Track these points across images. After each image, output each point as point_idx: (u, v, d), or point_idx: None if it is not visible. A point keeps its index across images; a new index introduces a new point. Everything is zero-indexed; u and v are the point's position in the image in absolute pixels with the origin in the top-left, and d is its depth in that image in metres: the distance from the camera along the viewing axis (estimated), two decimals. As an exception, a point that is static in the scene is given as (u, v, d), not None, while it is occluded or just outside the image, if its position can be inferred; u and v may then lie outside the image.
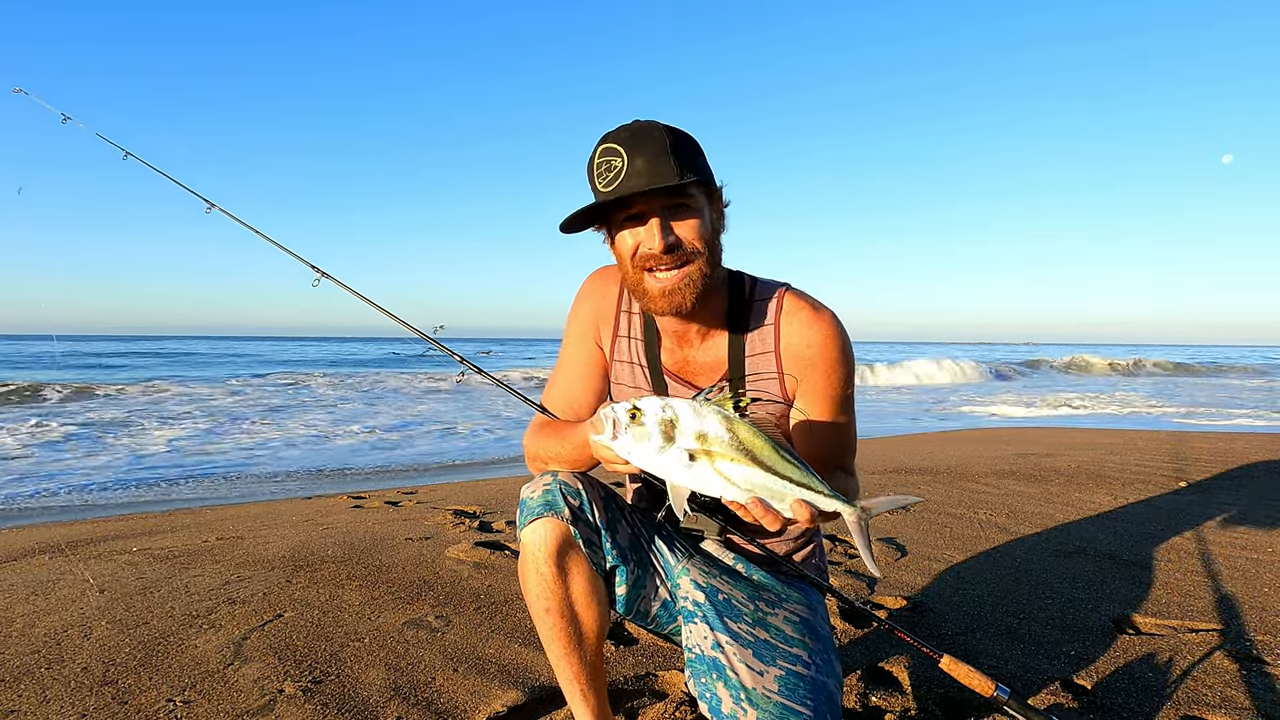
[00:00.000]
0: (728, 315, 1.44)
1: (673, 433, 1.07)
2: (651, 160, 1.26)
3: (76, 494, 5.24)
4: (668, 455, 1.07)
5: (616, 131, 1.31)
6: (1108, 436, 8.04)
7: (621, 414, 1.09)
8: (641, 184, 1.25)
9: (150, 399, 12.83)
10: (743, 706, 1.20)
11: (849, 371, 1.42)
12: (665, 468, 1.09)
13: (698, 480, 1.09)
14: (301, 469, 6.42)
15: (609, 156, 1.29)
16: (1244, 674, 2.02)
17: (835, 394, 1.41)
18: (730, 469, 1.08)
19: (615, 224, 1.35)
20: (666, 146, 1.27)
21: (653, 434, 1.07)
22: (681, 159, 1.28)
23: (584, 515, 1.35)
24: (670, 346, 1.48)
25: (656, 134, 1.28)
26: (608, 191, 1.28)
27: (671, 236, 1.30)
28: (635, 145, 1.27)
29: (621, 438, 1.09)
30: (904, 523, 3.80)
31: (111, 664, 2.09)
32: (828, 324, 1.41)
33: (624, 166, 1.27)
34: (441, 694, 1.93)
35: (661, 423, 1.07)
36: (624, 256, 1.35)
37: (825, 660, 1.33)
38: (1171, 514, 3.96)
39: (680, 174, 1.26)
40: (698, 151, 1.34)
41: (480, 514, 4.05)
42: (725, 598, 1.38)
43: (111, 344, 50.80)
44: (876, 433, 9.22)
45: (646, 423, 1.07)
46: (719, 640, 1.30)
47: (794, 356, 1.40)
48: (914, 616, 2.48)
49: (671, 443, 1.07)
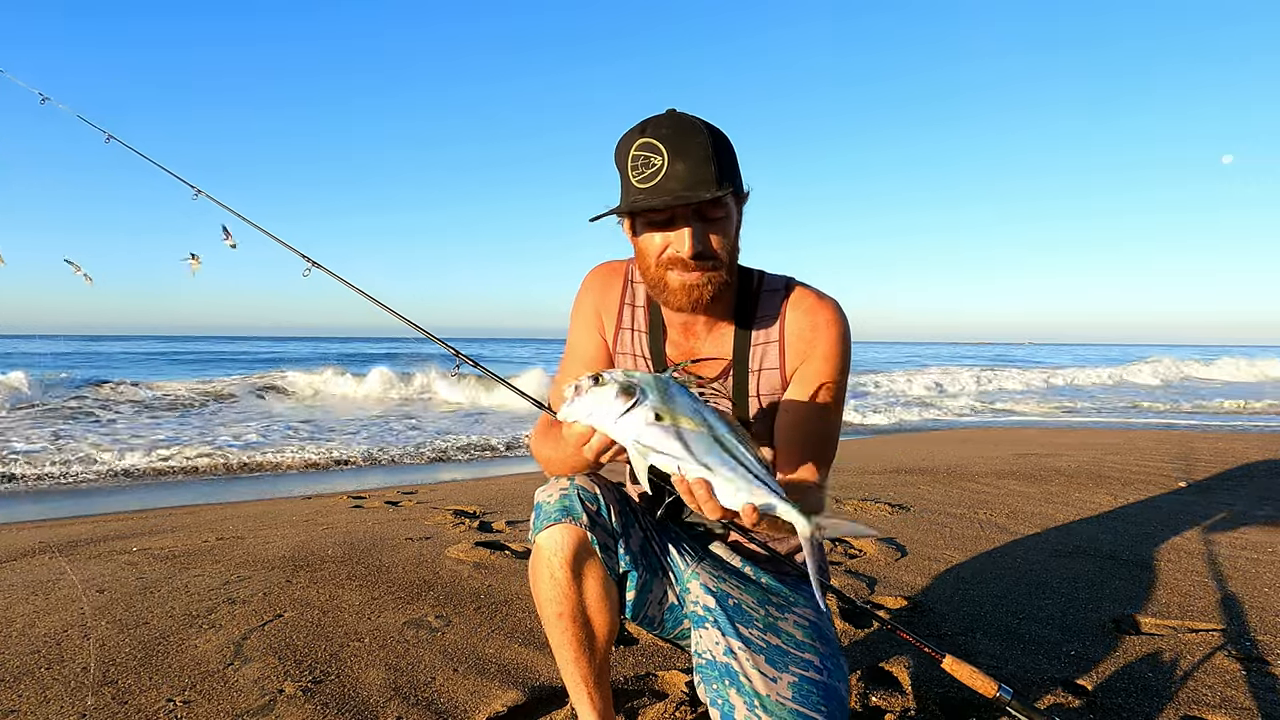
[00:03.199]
0: (735, 308, 1.44)
1: (635, 394, 1.05)
2: (693, 167, 1.24)
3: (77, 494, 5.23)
4: (632, 415, 1.04)
5: (657, 125, 1.28)
6: (1108, 436, 8.05)
7: (584, 379, 1.07)
8: (681, 191, 1.23)
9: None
10: (757, 714, 1.19)
11: (845, 360, 1.41)
12: (627, 427, 1.05)
13: (658, 440, 1.05)
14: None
15: (648, 152, 1.26)
16: (1245, 674, 2.02)
17: (830, 379, 1.39)
18: (692, 438, 1.05)
19: (642, 219, 1.33)
20: (708, 152, 1.25)
21: (615, 394, 1.05)
22: (721, 166, 1.26)
23: (601, 520, 1.34)
24: (676, 339, 1.48)
25: (700, 137, 1.25)
26: (645, 189, 1.26)
27: (700, 245, 1.28)
28: (678, 147, 1.25)
29: (584, 398, 1.06)
30: (904, 523, 3.80)
31: (111, 664, 2.09)
32: (831, 310, 1.42)
33: (664, 166, 1.24)
34: (441, 694, 1.93)
35: (625, 384, 1.05)
36: (648, 254, 1.34)
37: (836, 665, 1.32)
38: (1171, 514, 3.96)
39: (719, 183, 1.24)
40: (734, 156, 1.32)
41: (480, 514, 4.05)
42: (736, 603, 1.37)
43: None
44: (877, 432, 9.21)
45: (608, 382, 1.05)
46: (731, 646, 1.29)
47: (796, 339, 1.40)
48: (914, 616, 2.48)
49: (635, 404, 1.04)
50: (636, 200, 1.28)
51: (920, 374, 21.09)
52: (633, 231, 1.38)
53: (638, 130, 1.30)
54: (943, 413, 13.01)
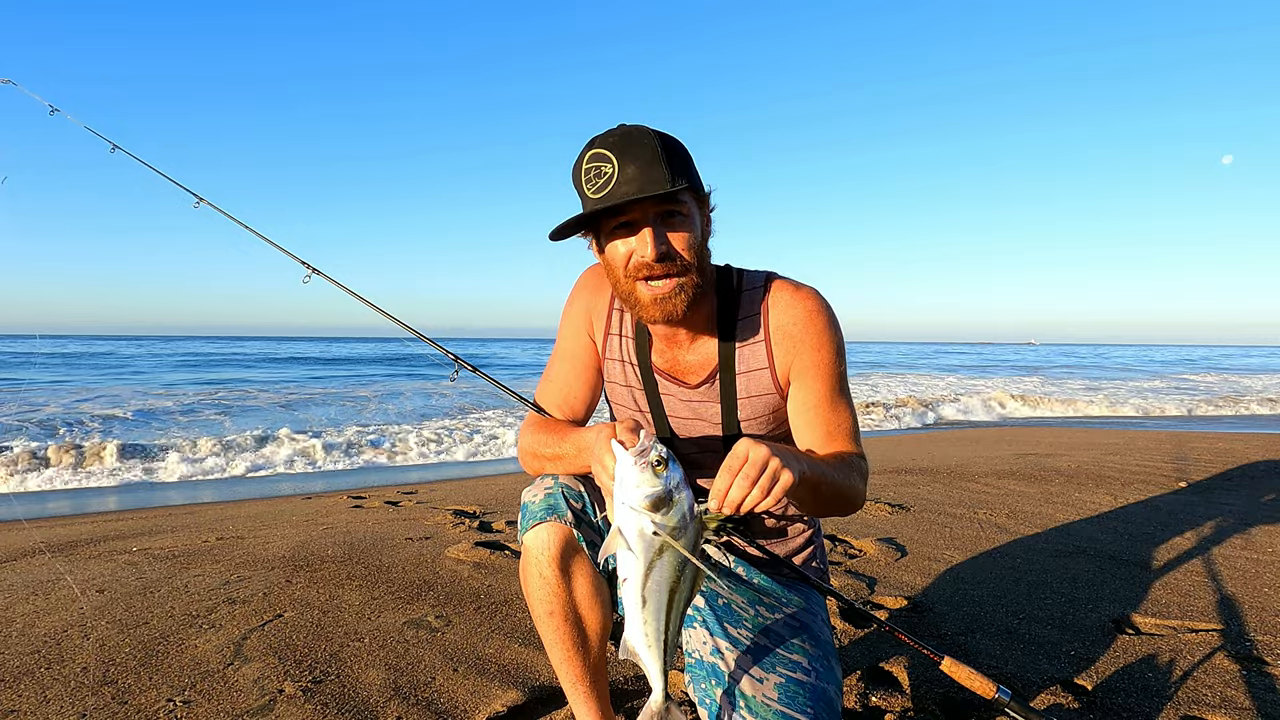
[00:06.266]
0: (717, 313, 1.43)
1: (663, 506, 1.06)
2: (643, 167, 1.23)
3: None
4: (638, 515, 1.06)
5: (605, 136, 1.28)
6: (1108, 436, 8.05)
7: (654, 454, 1.07)
8: (633, 191, 1.23)
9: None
10: (742, 714, 1.20)
11: (838, 345, 1.40)
12: (630, 521, 1.07)
13: (633, 546, 1.07)
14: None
15: (598, 162, 1.26)
16: (1244, 674, 2.02)
17: (828, 367, 1.38)
18: (655, 574, 1.07)
19: (605, 232, 1.32)
20: (658, 152, 1.24)
21: (648, 495, 1.06)
22: (673, 165, 1.25)
23: (587, 517, 1.34)
24: (660, 348, 1.47)
25: (647, 140, 1.26)
26: (599, 198, 1.25)
27: (664, 245, 1.27)
28: (625, 151, 1.25)
29: (632, 470, 1.07)
30: (904, 523, 3.80)
31: (111, 664, 2.09)
32: (811, 298, 1.40)
33: (614, 173, 1.24)
34: (441, 694, 1.93)
35: (665, 493, 1.06)
36: (615, 266, 1.32)
37: (825, 666, 1.32)
38: (1171, 514, 3.96)
39: (672, 180, 1.24)
40: (687, 157, 1.32)
41: (480, 514, 4.05)
42: (725, 602, 1.37)
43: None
44: (877, 432, 9.21)
45: (658, 484, 1.06)
46: (718, 646, 1.29)
47: (783, 336, 1.39)
48: (914, 617, 2.48)
49: (655, 511, 1.06)
50: (593, 206, 1.27)
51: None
52: (599, 248, 1.37)
53: (587, 146, 1.30)
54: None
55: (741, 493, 1.06)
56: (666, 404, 1.47)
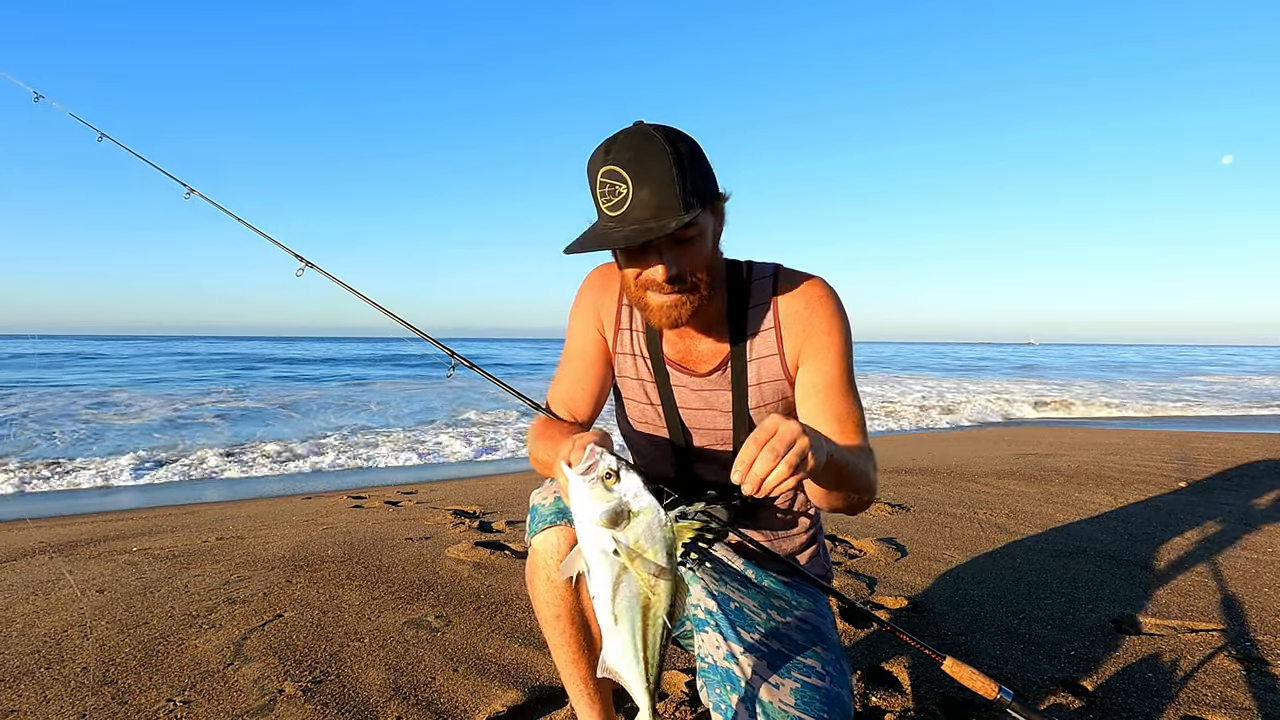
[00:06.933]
0: (727, 302, 1.44)
1: (621, 521, 1.02)
2: (657, 190, 1.22)
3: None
4: (597, 532, 1.03)
5: (619, 150, 1.25)
6: (1108, 436, 8.05)
7: (603, 465, 1.03)
8: (648, 221, 1.22)
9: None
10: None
11: (847, 331, 1.41)
12: (589, 538, 1.04)
13: (599, 568, 1.04)
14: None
15: (613, 180, 1.25)
16: (1245, 674, 2.02)
17: (838, 350, 1.39)
18: (623, 589, 1.04)
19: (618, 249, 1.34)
20: (671, 174, 1.22)
21: (605, 512, 1.02)
22: (686, 184, 1.23)
23: None
24: (671, 338, 1.48)
25: (662, 159, 1.23)
26: (615, 218, 1.25)
27: (674, 269, 1.28)
28: (640, 173, 1.23)
29: (581, 487, 1.04)
30: (904, 523, 3.80)
31: (111, 664, 2.09)
32: (820, 286, 1.42)
33: (628, 195, 1.23)
34: (441, 694, 1.93)
35: (619, 510, 1.02)
36: (626, 276, 1.34)
37: (838, 669, 1.32)
38: (1171, 514, 3.96)
39: (685, 206, 1.23)
40: (702, 169, 1.29)
41: (480, 514, 4.05)
42: (738, 606, 1.36)
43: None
44: (877, 432, 9.22)
45: (613, 490, 1.02)
46: (732, 651, 1.28)
47: (793, 321, 1.40)
48: (914, 617, 2.48)
49: (614, 526, 1.02)
50: (606, 233, 1.26)
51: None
52: (612, 254, 1.38)
53: (602, 151, 1.28)
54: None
55: (767, 466, 1.01)
56: (678, 395, 1.48)
